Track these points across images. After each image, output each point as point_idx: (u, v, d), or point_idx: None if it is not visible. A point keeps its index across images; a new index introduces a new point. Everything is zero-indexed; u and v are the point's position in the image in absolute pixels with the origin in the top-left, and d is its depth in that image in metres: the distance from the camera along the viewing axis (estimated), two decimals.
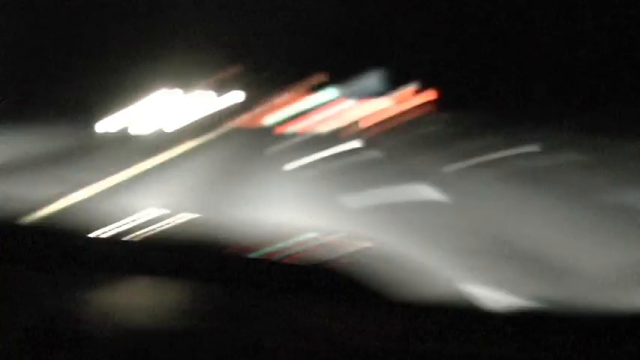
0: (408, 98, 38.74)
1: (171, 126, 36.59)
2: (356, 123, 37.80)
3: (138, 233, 1.40)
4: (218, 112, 58.24)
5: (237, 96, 67.61)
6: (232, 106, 67.13)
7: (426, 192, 8.27)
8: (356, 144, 18.11)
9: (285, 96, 74.49)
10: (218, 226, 1.49)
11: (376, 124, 35.71)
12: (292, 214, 6.82)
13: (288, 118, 53.64)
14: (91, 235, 1.37)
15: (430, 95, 36.76)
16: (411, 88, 39.01)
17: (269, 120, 58.60)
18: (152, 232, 1.39)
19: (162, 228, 1.42)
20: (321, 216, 6.71)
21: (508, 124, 22.22)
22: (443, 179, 9.63)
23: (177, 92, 40.81)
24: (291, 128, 46.82)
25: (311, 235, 1.32)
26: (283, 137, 30.03)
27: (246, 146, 21.66)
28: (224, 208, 7.33)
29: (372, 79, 45.16)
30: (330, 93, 55.26)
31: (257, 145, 20.94)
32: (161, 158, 15.09)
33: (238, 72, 67.91)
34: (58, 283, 1.07)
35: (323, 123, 44.50)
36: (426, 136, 20.94)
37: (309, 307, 1.01)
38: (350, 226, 5.92)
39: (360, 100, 44.65)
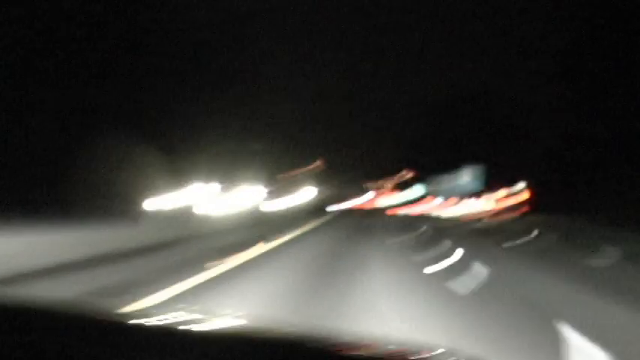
0: (503, 199, 53.57)
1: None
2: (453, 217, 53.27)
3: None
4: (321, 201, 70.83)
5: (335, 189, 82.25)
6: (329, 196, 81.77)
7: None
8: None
9: (382, 189, 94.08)
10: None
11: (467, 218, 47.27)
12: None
13: (392, 205, 71.55)
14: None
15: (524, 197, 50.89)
16: (506, 190, 54.26)
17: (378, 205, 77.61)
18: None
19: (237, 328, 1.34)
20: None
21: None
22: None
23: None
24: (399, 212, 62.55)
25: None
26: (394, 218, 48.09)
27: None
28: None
29: (461, 180, 60.11)
30: (420, 189, 74.19)
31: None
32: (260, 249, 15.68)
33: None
34: None
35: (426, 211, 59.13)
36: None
37: None
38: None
39: (449, 198, 61.72)
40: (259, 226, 24.81)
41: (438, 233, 23.95)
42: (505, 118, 57.22)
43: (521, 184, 51.41)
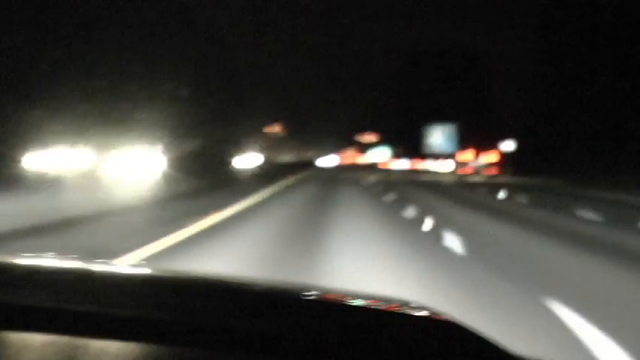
0: (467, 159, 51.14)
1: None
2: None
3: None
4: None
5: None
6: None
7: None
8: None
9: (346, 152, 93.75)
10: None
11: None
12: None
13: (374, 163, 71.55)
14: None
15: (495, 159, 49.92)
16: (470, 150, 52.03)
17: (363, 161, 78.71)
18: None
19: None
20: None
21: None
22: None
23: None
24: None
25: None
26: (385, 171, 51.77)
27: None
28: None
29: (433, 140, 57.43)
30: (384, 151, 72.99)
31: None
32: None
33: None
34: None
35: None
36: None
37: None
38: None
39: (414, 159, 59.99)
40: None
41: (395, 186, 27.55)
42: (478, 78, 54.96)
43: (495, 147, 49.43)
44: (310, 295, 1.11)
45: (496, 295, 5.26)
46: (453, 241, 8.22)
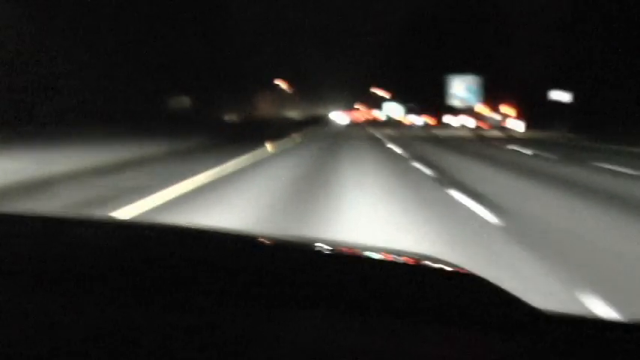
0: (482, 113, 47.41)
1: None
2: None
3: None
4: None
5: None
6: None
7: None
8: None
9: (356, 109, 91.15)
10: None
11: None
12: None
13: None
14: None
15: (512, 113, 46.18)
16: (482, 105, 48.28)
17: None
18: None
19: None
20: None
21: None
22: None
23: None
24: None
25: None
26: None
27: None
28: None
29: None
30: (396, 108, 69.88)
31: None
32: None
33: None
34: None
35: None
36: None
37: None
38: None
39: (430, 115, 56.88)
40: None
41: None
42: (501, 26, 50.32)
43: (521, 99, 45.11)
44: (332, 250, 1.10)
45: None
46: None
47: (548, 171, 12.73)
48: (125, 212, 6.87)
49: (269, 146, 17.26)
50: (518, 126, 43.47)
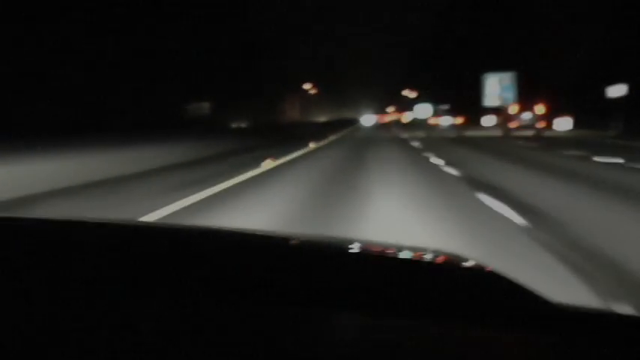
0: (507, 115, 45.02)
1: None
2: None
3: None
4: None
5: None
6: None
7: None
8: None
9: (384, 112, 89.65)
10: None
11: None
12: None
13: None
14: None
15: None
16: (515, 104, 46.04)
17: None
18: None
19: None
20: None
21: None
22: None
23: None
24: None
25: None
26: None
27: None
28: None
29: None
30: (426, 109, 67.70)
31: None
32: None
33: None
34: None
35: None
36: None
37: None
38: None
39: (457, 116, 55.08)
40: None
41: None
42: (536, 22, 47.42)
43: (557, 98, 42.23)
44: (356, 249, 1.12)
45: None
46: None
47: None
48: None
49: (266, 163, 14.98)
50: (562, 124, 40.62)
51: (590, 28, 40.17)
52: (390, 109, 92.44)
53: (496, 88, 48.88)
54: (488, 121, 51.82)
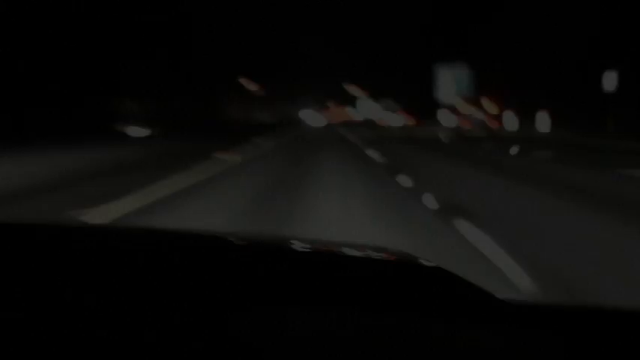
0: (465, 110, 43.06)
1: None
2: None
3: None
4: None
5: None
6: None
7: None
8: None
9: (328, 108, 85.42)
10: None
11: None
12: None
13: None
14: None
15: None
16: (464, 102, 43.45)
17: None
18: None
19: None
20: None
21: None
22: None
23: None
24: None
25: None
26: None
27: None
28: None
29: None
30: (369, 106, 64.18)
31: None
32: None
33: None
34: None
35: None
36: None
37: None
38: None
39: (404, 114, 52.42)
40: None
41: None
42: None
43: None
44: (302, 247, 1.14)
45: None
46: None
47: None
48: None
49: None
50: (538, 123, 37.51)
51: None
52: (331, 104, 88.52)
53: (448, 82, 44.82)
54: (442, 118, 48.57)
